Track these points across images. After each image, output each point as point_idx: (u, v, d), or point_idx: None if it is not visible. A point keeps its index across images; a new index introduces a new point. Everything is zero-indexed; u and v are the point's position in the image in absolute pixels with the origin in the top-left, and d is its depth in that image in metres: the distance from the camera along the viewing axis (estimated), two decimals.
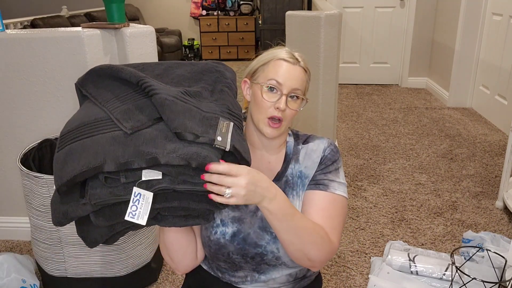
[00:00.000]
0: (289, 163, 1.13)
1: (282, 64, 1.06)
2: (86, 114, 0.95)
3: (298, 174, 1.12)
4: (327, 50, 2.66)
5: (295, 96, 1.06)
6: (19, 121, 2.08)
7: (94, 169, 0.82)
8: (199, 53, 7.53)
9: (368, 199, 2.61)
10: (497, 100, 3.79)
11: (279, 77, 1.04)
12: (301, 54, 1.11)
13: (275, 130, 1.05)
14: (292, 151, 1.14)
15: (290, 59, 1.07)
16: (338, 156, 1.12)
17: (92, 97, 1.00)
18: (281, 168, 1.12)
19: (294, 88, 1.05)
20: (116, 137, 0.85)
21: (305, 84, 1.09)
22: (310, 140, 1.16)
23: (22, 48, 1.94)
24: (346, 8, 5.14)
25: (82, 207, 0.86)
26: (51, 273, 1.76)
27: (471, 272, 1.76)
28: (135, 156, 0.82)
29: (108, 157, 0.82)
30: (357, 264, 2.03)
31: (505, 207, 2.47)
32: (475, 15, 4.08)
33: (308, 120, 2.82)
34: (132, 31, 1.90)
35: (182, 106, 0.89)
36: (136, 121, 0.89)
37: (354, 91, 5.14)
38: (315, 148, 1.13)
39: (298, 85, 1.06)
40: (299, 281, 1.17)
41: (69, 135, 0.91)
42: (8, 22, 4.66)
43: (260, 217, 1.09)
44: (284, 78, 1.04)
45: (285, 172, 1.12)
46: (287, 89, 1.04)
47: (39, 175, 1.58)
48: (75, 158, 0.84)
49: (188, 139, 0.85)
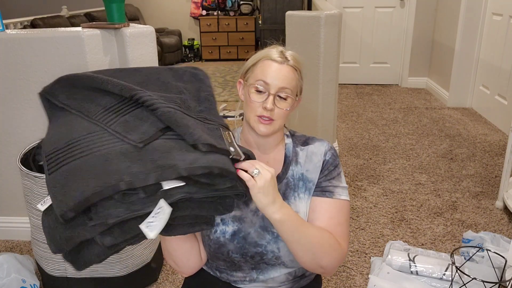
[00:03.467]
0: (290, 165, 1.13)
1: (269, 64, 1.06)
2: (71, 129, 0.88)
3: (299, 176, 1.12)
4: (327, 50, 2.66)
5: (284, 95, 1.06)
6: (19, 121, 2.08)
7: (111, 188, 0.76)
8: (199, 53, 7.53)
9: (368, 199, 2.61)
10: (497, 100, 3.79)
11: (266, 77, 1.05)
12: (293, 53, 1.10)
13: (266, 126, 1.06)
14: (291, 153, 1.14)
15: (279, 58, 1.07)
16: (338, 160, 1.14)
17: (72, 109, 0.93)
18: (282, 170, 1.12)
19: (281, 87, 1.05)
20: (126, 152, 0.81)
21: (294, 82, 1.08)
22: (310, 142, 1.16)
23: (22, 48, 1.94)
24: (346, 8, 5.14)
25: (90, 229, 0.79)
26: (51, 273, 1.76)
27: (471, 272, 1.76)
28: (156, 170, 0.78)
29: (125, 174, 0.77)
30: (357, 264, 2.03)
31: (505, 207, 2.47)
32: (475, 15, 4.08)
33: (308, 120, 2.82)
34: (132, 31, 1.90)
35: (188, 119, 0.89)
36: (141, 133, 0.85)
37: (354, 91, 5.14)
38: (315, 150, 1.14)
39: (286, 84, 1.06)
40: (298, 280, 1.17)
41: (59, 154, 0.83)
42: (8, 22, 4.66)
43: (262, 217, 1.09)
44: (271, 78, 1.05)
45: (285, 174, 1.12)
46: (274, 88, 1.05)
47: (39, 175, 1.58)
48: (80, 179, 0.77)
49: (203, 150, 0.84)
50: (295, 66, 1.08)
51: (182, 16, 7.55)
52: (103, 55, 1.96)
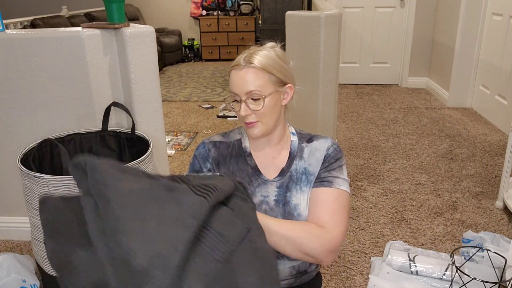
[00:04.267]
0: (294, 159, 1.18)
1: (234, 73, 1.10)
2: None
3: (302, 170, 1.17)
4: (327, 50, 2.66)
5: (255, 97, 1.08)
6: (19, 121, 2.08)
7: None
8: (199, 53, 7.53)
9: (368, 199, 2.61)
10: (497, 100, 3.79)
11: (233, 87, 1.10)
12: (262, 53, 1.09)
13: (254, 129, 1.11)
14: (296, 149, 1.19)
15: (240, 64, 1.08)
16: (341, 154, 1.18)
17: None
18: (286, 164, 1.18)
19: (247, 92, 1.08)
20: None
21: (260, 81, 1.08)
22: (315, 139, 1.21)
23: (22, 48, 1.94)
24: (346, 8, 5.14)
25: None
26: (51, 273, 1.76)
27: (471, 272, 1.76)
28: None
29: None
30: (357, 264, 2.03)
31: (505, 207, 2.47)
32: (475, 15, 4.08)
33: (308, 120, 2.82)
34: (132, 31, 1.90)
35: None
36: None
37: (354, 91, 5.14)
38: (319, 147, 1.18)
39: (251, 86, 1.07)
40: (300, 276, 1.21)
41: None
42: (8, 22, 4.67)
43: (264, 210, 1.14)
44: (237, 87, 1.09)
45: (289, 168, 1.17)
46: (242, 95, 1.08)
47: (39, 175, 1.58)
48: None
49: None
50: (259, 66, 1.07)
51: (182, 16, 7.55)
52: (103, 55, 1.96)
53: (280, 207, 1.15)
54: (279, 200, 1.15)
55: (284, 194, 1.15)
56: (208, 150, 1.21)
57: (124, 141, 1.97)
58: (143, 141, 1.90)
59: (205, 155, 1.21)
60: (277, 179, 1.17)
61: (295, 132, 1.23)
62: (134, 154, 1.97)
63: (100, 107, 2.02)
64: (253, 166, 1.18)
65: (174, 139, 3.71)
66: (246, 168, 1.19)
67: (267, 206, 1.15)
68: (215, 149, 1.21)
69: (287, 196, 1.15)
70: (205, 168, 1.21)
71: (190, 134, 3.82)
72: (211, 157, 1.21)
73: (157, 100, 2.09)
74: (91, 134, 1.95)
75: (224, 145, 1.22)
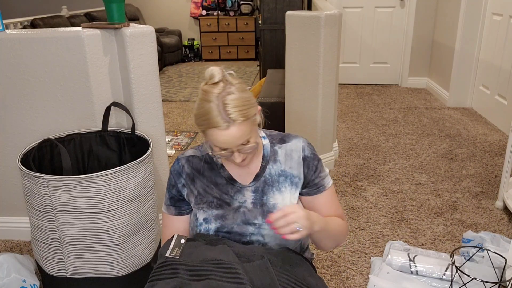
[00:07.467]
0: (267, 164, 1.21)
1: (216, 133, 1.04)
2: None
3: (279, 172, 1.20)
4: (327, 50, 2.66)
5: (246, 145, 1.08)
6: (19, 121, 2.08)
7: None
8: (199, 53, 7.53)
9: (368, 199, 2.61)
10: (497, 100, 3.79)
11: (221, 145, 1.06)
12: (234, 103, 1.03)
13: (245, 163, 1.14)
14: (269, 153, 1.22)
15: (223, 124, 1.02)
16: (315, 150, 1.25)
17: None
18: (260, 170, 1.21)
19: (238, 144, 1.06)
20: None
21: (247, 129, 1.06)
22: (287, 140, 1.24)
23: (22, 48, 1.94)
24: (346, 8, 5.14)
25: None
26: (51, 273, 1.76)
27: (471, 272, 1.76)
28: None
29: None
30: (357, 264, 2.03)
31: (505, 207, 2.47)
32: (475, 15, 4.08)
33: (308, 120, 2.82)
34: (132, 31, 1.90)
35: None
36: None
37: (354, 91, 5.14)
38: (293, 147, 1.22)
39: (242, 140, 1.06)
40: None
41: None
42: (8, 22, 4.67)
43: (243, 212, 1.17)
44: (226, 143, 1.05)
45: (263, 173, 1.20)
46: (234, 148, 1.07)
47: (39, 175, 1.57)
48: None
49: None
50: (241, 120, 1.04)
51: (182, 16, 7.55)
52: (103, 55, 1.96)
53: (258, 208, 1.18)
54: (256, 203, 1.19)
55: (261, 198, 1.19)
56: (181, 166, 1.23)
57: (124, 141, 1.97)
58: (143, 141, 1.90)
59: (179, 171, 1.23)
60: (252, 184, 1.20)
61: (265, 135, 1.24)
62: (134, 154, 1.97)
63: (100, 107, 2.02)
64: (227, 177, 1.21)
65: (174, 139, 3.71)
66: (221, 180, 1.21)
67: (245, 209, 1.18)
68: (188, 164, 1.23)
69: (263, 199, 1.19)
70: (180, 183, 1.23)
71: (190, 134, 3.83)
72: (184, 173, 1.23)
73: (157, 100, 2.09)
74: (91, 134, 1.95)
75: (196, 159, 1.23)
